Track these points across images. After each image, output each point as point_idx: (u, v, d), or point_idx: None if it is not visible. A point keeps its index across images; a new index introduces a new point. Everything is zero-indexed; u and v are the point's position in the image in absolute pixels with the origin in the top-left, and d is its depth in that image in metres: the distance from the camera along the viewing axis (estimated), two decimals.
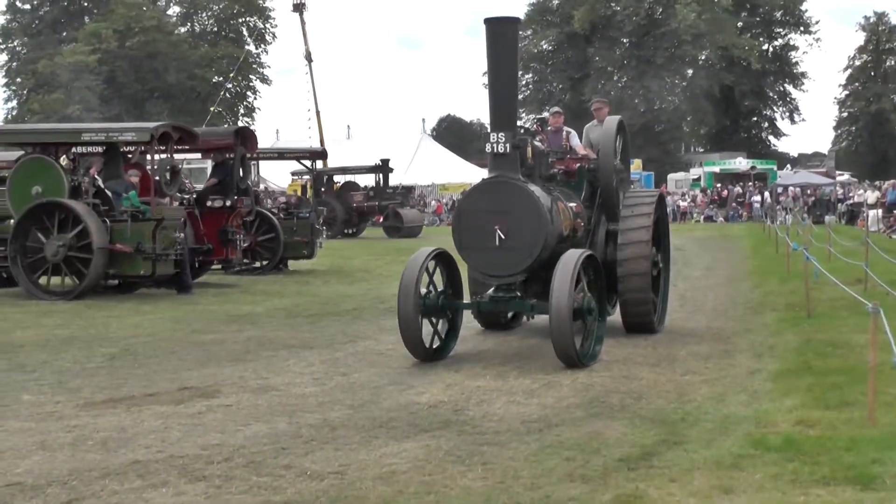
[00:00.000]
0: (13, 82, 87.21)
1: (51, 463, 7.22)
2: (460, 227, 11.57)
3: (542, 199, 11.41)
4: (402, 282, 11.33)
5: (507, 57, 11.44)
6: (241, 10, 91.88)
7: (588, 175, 13.69)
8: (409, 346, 11.39)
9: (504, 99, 11.46)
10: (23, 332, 14.34)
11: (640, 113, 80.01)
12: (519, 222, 11.21)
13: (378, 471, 6.94)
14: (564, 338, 10.52)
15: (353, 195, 46.20)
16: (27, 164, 19.38)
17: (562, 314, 10.46)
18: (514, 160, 11.38)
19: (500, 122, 11.38)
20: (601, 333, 11.52)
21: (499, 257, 11.28)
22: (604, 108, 14.96)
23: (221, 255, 22.12)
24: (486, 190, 11.56)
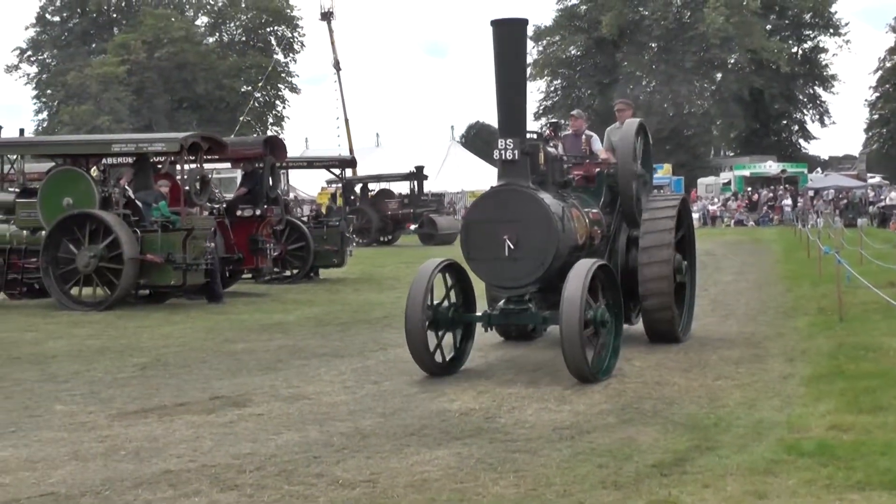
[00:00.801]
0: (43, 94, 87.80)
1: (84, 473, 7.24)
2: (468, 237, 11.16)
3: (552, 206, 10.99)
4: (409, 294, 11.01)
5: (515, 60, 11.02)
6: (269, 19, 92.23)
7: (608, 180, 13.33)
8: (417, 360, 10.99)
9: (512, 104, 11.02)
10: (55, 342, 14.42)
11: (669, 117, 79.86)
12: (528, 231, 10.78)
13: (410, 479, 6.93)
14: (575, 351, 10.06)
15: (388, 203, 46.28)
16: (58, 175, 19.49)
17: (572, 327, 10.02)
18: (523, 167, 10.98)
19: (509, 128, 10.95)
20: (617, 346, 11.04)
21: (508, 268, 10.85)
22: (627, 110, 14.68)
23: (252, 265, 22.18)
24: (494, 198, 11.13)
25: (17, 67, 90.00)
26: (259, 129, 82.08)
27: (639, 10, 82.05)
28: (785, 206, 62.22)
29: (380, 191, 47.29)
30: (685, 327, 13.60)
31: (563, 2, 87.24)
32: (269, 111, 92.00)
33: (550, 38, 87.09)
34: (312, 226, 25.83)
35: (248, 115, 78.53)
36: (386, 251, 40.19)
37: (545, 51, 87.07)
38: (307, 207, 39.26)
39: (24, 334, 15.38)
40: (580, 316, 10.02)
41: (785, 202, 62.84)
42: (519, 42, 11.05)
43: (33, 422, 9.05)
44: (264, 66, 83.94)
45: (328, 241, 25.44)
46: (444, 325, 11.36)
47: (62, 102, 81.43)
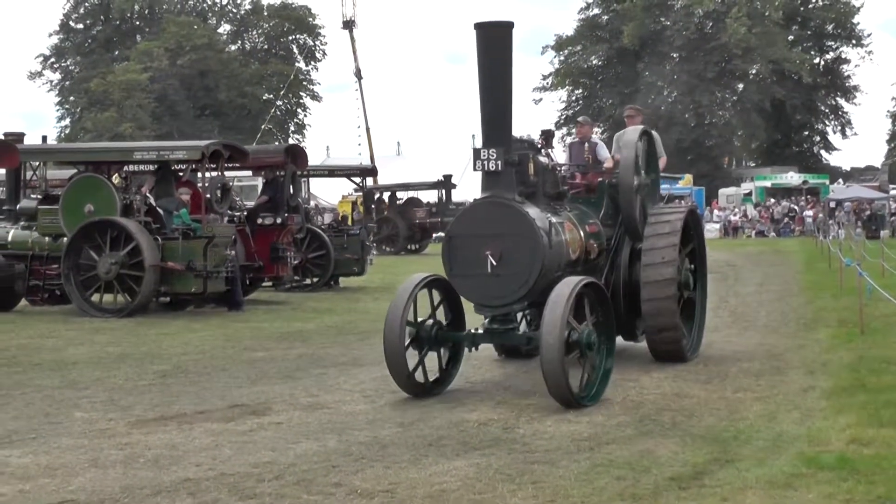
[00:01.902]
0: (66, 101, 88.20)
1: (103, 480, 7.26)
2: (450, 252, 10.49)
3: (538, 220, 10.32)
4: (388, 311, 10.44)
5: (500, 65, 10.34)
6: (291, 27, 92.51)
7: (609, 190, 12.70)
8: (397, 380, 10.41)
9: (496, 111, 10.37)
10: (75, 349, 14.47)
11: (690, 128, 79.67)
12: (512, 247, 10.16)
13: (428, 489, 6.93)
14: (556, 376, 9.38)
15: (416, 211, 46.30)
16: (80, 182, 19.57)
17: (551, 350, 9.34)
18: (508, 178, 10.34)
19: (492, 137, 10.29)
20: (609, 369, 10.30)
21: (491, 285, 10.22)
22: (637, 117, 14.27)
23: (272, 273, 22.21)
24: (476, 212, 10.55)
25: (40, 74, 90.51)
26: (280, 137, 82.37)
27: (660, 20, 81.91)
28: (806, 217, 61.98)
29: (408, 199, 47.31)
30: (694, 346, 12.96)
31: (585, 11, 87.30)
32: (291, 119, 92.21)
33: (572, 48, 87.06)
34: (333, 234, 25.86)
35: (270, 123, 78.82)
36: (410, 259, 40.22)
37: (566, 60, 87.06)
38: (328, 216, 39.33)
39: (45, 340, 15.44)
40: (560, 338, 9.36)
41: (806, 213, 62.60)
42: (504, 46, 10.38)
43: (53, 428, 9.09)
44: (286, 74, 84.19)
45: (348, 250, 25.48)
46: (428, 344, 10.65)
47: (85, 109, 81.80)
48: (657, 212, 12.82)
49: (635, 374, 11.47)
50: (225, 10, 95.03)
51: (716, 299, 20.10)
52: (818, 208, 63.27)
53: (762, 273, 28.40)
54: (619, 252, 12.57)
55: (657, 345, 12.36)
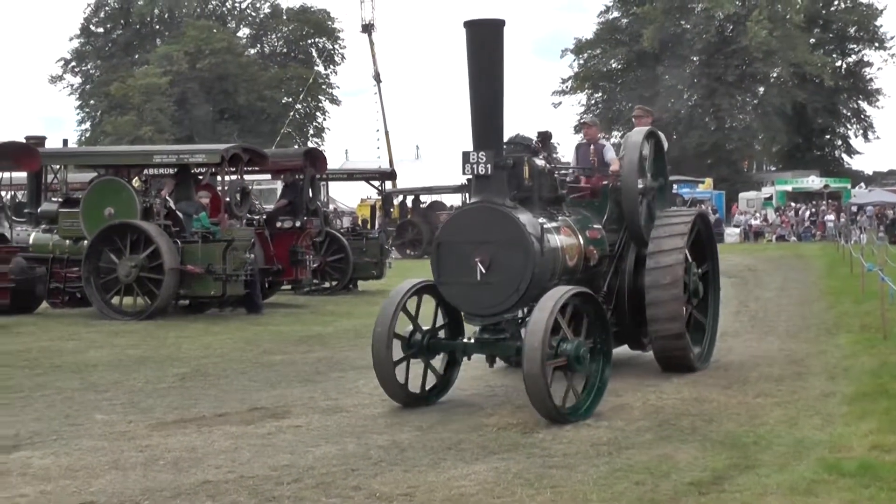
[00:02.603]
0: (87, 104, 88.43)
1: (123, 482, 7.29)
2: (439, 259, 10.12)
3: (529, 225, 9.86)
4: (376, 322, 10.13)
5: (491, 65, 9.88)
6: (310, 31, 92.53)
7: (614, 194, 12.23)
8: (386, 390, 10.16)
9: (487, 113, 9.94)
10: (96, 351, 14.52)
11: (710, 132, 79.45)
12: (502, 254, 9.74)
13: (447, 493, 6.93)
14: (538, 391, 8.96)
15: (440, 215, 46.32)
16: (100, 185, 19.65)
17: (533, 364, 8.92)
18: (499, 182, 9.94)
19: (482, 140, 9.88)
20: (603, 383, 9.83)
21: (480, 294, 9.82)
22: (645, 118, 13.82)
23: (291, 276, 22.27)
24: (465, 217, 10.16)
25: (61, 78, 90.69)
26: (299, 141, 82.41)
27: (680, 23, 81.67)
28: (828, 222, 61.73)
29: (431, 203, 47.36)
30: (705, 354, 12.59)
31: (605, 15, 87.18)
32: (310, 123, 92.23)
33: (591, 52, 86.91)
34: (352, 238, 25.91)
35: (289, 127, 78.92)
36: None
37: (586, 64, 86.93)
38: (347, 219, 39.40)
39: (66, 343, 15.50)
40: (543, 351, 8.93)
41: (827, 217, 62.35)
42: (494, 45, 9.90)
43: (74, 430, 9.13)
44: (305, 77, 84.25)
45: (367, 253, 25.51)
46: (420, 353, 10.35)
47: (105, 113, 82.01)
48: (664, 216, 12.40)
49: (655, 379, 11.44)
50: (244, 14, 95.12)
51: (736, 304, 20.10)
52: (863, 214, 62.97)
53: (783, 278, 28.31)
54: (624, 258, 12.18)
55: (663, 354, 11.98)
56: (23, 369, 12.92)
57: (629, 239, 12.20)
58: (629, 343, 12.37)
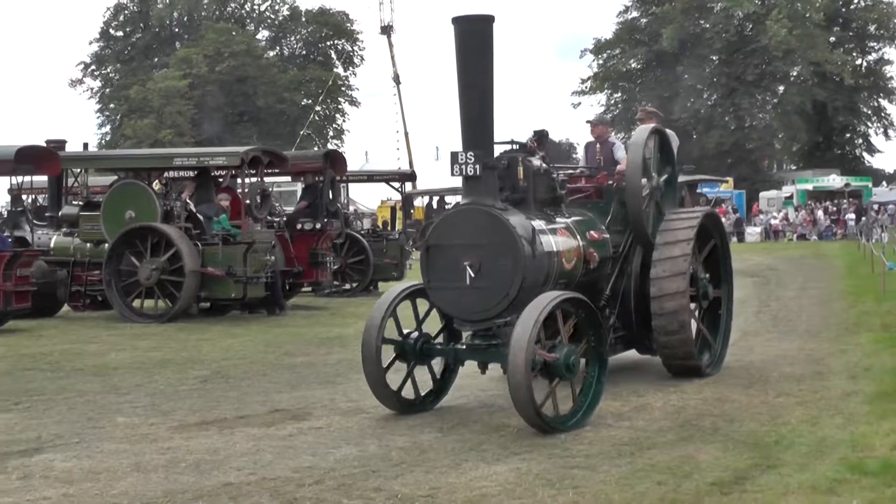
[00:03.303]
0: (107, 108, 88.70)
1: (145, 484, 7.31)
2: (428, 263, 9.83)
3: (519, 228, 9.50)
4: (365, 328, 9.98)
5: (480, 62, 9.50)
6: (329, 33, 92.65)
7: (618, 194, 11.82)
8: (377, 396, 9.97)
9: (476, 112, 9.57)
10: (117, 354, 14.56)
11: (730, 131, 79.25)
12: (491, 257, 9.42)
13: (468, 494, 6.93)
14: (523, 401, 8.66)
15: None
16: (121, 189, 19.72)
17: (518, 373, 8.63)
18: (489, 184, 9.61)
19: (471, 140, 9.53)
20: (598, 392, 9.46)
21: (470, 298, 9.51)
22: (649, 120, 13.44)
23: (311, 278, 22.30)
24: (454, 220, 9.84)
25: (81, 82, 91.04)
26: (319, 143, 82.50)
27: (700, 22, 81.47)
28: (848, 221, 61.49)
29: (456, 204, 47.30)
30: (716, 360, 12.17)
31: (624, 15, 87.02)
32: (330, 125, 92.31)
33: (611, 52, 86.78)
34: (372, 239, 25.93)
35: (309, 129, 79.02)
36: None
37: (605, 64, 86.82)
38: (367, 221, 39.42)
39: (88, 346, 15.55)
40: (527, 359, 8.62)
41: (848, 216, 62.10)
42: (484, 42, 9.51)
43: (96, 433, 9.16)
44: (324, 79, 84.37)
45: (387, 255, 25.53)
46: (413, 358, 10.13)
47: (125, 116, 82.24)
48: (669, 219, 11.93)
49: (676, 379, 11.41)
50: (263, 17, 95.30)
51: (757, 303, 20.06)
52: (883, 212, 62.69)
53: (803, 277, 28.19)
54: (630, 260, 11.78)
55: (670, 360, 11.64)
56: (45, 372, 12.97)
57: (635, 240, 11.83)
58: (637, 347, 12.04)
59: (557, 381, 9.03)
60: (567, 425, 8.98)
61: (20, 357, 14.36)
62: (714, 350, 12.23)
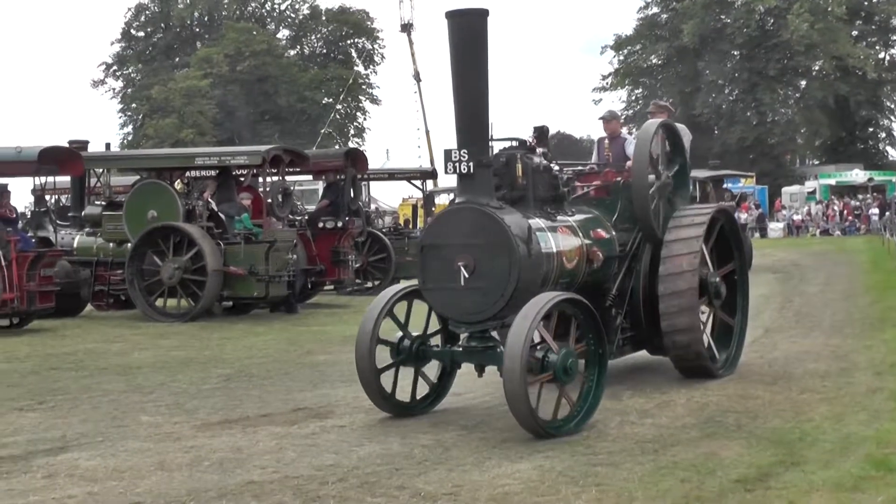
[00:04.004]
0: (128, 108, 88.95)
1: (169, 483, 7.33)
2: (423, 264, 9.60)
3: (514, 227, 9.22)
4: (360, 328, 9.78)
5: (474, 57, 9.30)
6: (350, 31, 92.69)
7: (625, 191, 11.43)
8: (371, 398, 9.78)
9: (470, 108, 9.31)
10: (140, 353, 14.62)
11: (752, 126, 78.98)
12: (486, 257, 9.15)
13: (491, 492, 6.92)
14: (519, 405, 8.44)
15: None
16: (143, 188, 19.80)
17: (514, 376, 8.42)
18: (483, 182, 9.31)
19: (466, 137, 9.23)
20: (597, 396, 9.20)
21: (465, 299, 9.26)
22: (660, 114, 13.27)
23: (334, 276, 22.33)
24: (448, 219, 9.57)
25: (103, 82, 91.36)
26: (340, 141, 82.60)
27: (721, 17, 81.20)
28: (872, 216, 61.18)
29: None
30: (730, 361, 11.81)
31: (644, 11, 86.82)
32: (351, 123, 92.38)
33: (631, 48, 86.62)
34: (393, 237, 25.95)
35: (330, 127, 79.12)
36: None
37: (626, 60, 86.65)
38: (388, 219, 39.44)
39: (111, 345, 15.62)
40: (523, 364, 8.40)
41: (872, 211, 61.78)
42: (478, 36, 9.28)
43: (120, 432, 9.19)
44: (345, 78, 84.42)
45: (409, 253, 25.54)
46: (409, 360, 9.93)
47: (147, 116, 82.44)
48: (678, 216, 11.55)
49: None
50: (283, 16, 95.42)
51: (780, 299, 20.00)
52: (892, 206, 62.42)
53: (827, 272, 28.09)
54: (639, 258, 11.39)
55: (680, 362, 11.32)
56: (69, 371, 13.03)
57: (643, 238, 11.44)
58: (648, 348, 11.73)
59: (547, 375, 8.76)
60: (564, 430, 8.75)
61: (45, 357, 14.44)
62: (729, 350, 11.90)
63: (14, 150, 17.85)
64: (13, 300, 17.21)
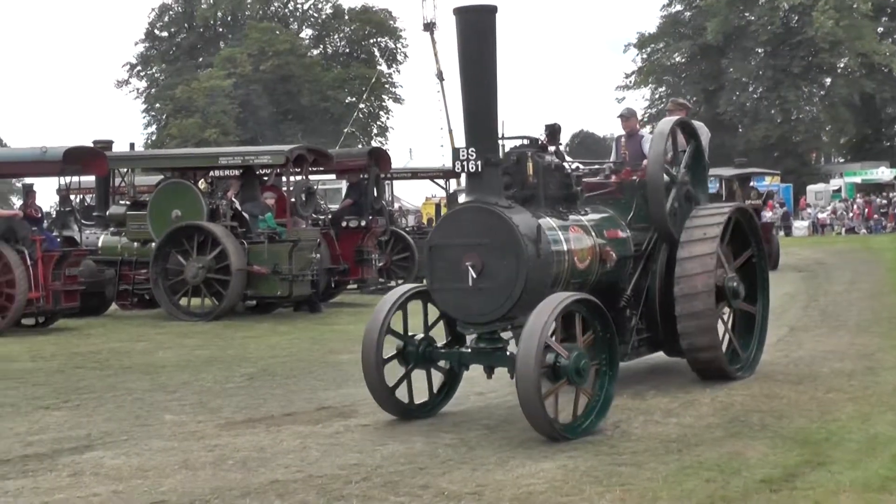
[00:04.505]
0: (152, 108, 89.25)
1: (193, 482, 7.35)
2: (430, 264, 9.45)
3: (522, 226, 9.05)
4: (367, 327, 9.65)
5: (483, 54, 9.10)
6: (373, 31, 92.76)
7: (641, 190, 11.21)
8: (377, 401, 9.62)
9: (478, 106, 9.18)
10: (164, 352, 14.66)
11: (776, 124, 78.71)
12: (493, 257, 9.00)
13: (515, 491, 6.91)
14: (533, 407, 8.30)
15: None
16: (167, 188, 19.86)
17: (528, 378, 8.26)
18: (491, 180, 9.16)
19: (474, 135, 9.11)
20: (608, 398, 9.05)
21: (473, 300, 9.11)
22: (678, 111, 12.98)
23: (357, 275, 22.36)
24: (456, 218, 9.40)
25: (127, 82, 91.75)
26: (363, 141, 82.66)
27: (745, 15, 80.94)
28: None
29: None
30: (750, 362, 11.58)
31: (668, 8, 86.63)
32: (374, 122, 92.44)
33: (655, 46, 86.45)
34: (417, 236, 25.95)
35: (353, 127, 79.16)
36: None
37: (650, 58, 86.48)
38: (412, 218, 39.47)
39: (135, 344, 15.67)
40: (537, 368, 8.27)
41: None
42: (486, 32, 9.12)
43: (144, 431, 9.22)
44: (368, 77, 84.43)
45: None
46: (415, 362, 9.78)
47: (170, 116, 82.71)
48: (695, 216, 11.29)
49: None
50: (306, 15, 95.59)
51: (805, 298, 19.92)
52: None
53: (852, 271, 27.93)
54: (655, 258, 11.16)
55: (696, 365, 11.10)
56: (94, 371, 13.08)
57: (659, 237, 11.22)
58: (664, 349, 11.52)
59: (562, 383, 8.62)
60: (576, 433, 8.60)
61: (70, 355, 14.50)
62: (748, 352, 11.67)
63: (39, 150, 17.93)
64: (38, 299, 17.31)
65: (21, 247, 17.28)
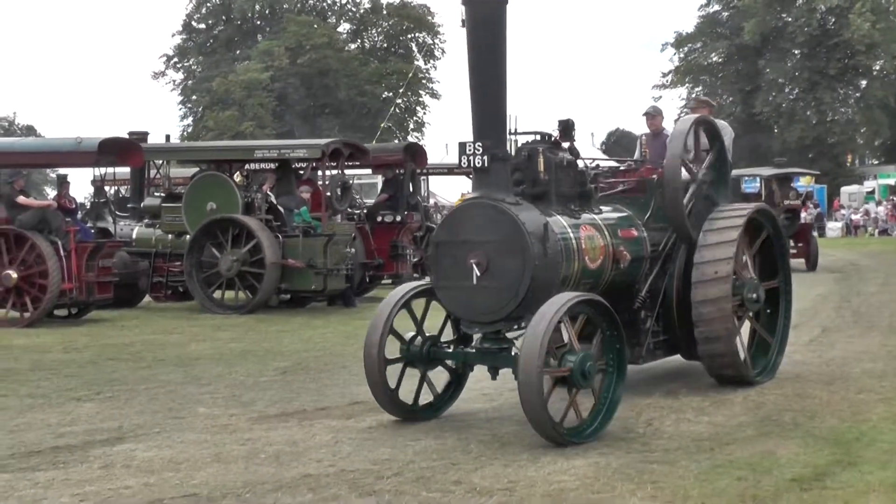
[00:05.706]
0: (189, 100, 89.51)
1: (225, 475, 7.38)
2: (435, 261, 9.25)
3: (529, 224, 8.78)
4: (370, 325, 9.44)
5: (492, 47, 8.92)
6: (411, 26, 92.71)
7: (659, 188, 10.85)
8: (380, 402, 9.38)
9: (486, 99, 8.95)
10: (198, 345, 14.74)
11: (812, 125, 78.29)
12: (499, 255, 8.77)
13: (547, 488, 6.92)
14: (535, 410, 8.07)
15: None
16: (202, 180, 19.95)
17: (530, 380, 8.03)
18: (499, 176, 8.93)
19: (483, 130, 8.89)
20: (615, 401, 8.78)
21: (477, 299, 8.90)
22: (701, 109, 12.58)
23: (392, 270, 22.41)
24: (461, 215, 9.20)
25: (163, 74, 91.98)
26: (400, 136, 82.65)
27: (782, 16, 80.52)
28: None
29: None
30: (770, 367, 11.30)
31: (705, 8, 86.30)
32: (410, 117, 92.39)
33: (692, 45, 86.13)
34: None
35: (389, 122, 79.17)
36: None
37: (686, 58, 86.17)
38: None
39: (169, 336, 15.76)
40: (539, 372, 8.04)
41: None
42: (496, 25, 8.94)
43: (177, 423, 9.27)
44: (405, 72, 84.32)
45: None
46: (418, 362, 9.58)
47: (207, 108, 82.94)
48: (715, 215, 10.95)
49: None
50: (344, 9, 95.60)
51: (838, 299, 19.84)
52: None
53: (885, 272, 27.78)
54: (673, 259, 10.86)
55: (713, 370, 10.83)
56: (127, 362, 13.16)
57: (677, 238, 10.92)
58: (681, 352, 11.23)
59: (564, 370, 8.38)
60: (580, 438, 8.37)
61: (103, 347, 14.60)
62: (768, 356, 11.40)
63: (74, 140, 18.03)
64: (72, 290, 17.43)
65: (55, 238, 17.41)
